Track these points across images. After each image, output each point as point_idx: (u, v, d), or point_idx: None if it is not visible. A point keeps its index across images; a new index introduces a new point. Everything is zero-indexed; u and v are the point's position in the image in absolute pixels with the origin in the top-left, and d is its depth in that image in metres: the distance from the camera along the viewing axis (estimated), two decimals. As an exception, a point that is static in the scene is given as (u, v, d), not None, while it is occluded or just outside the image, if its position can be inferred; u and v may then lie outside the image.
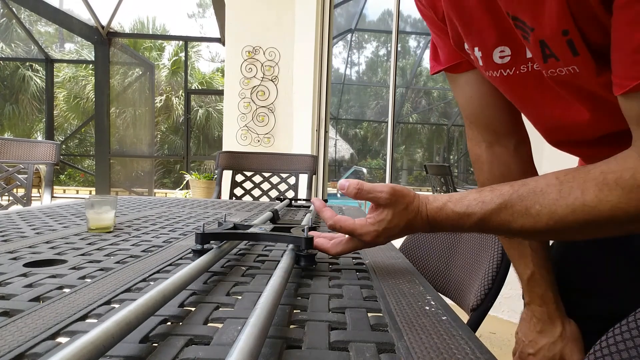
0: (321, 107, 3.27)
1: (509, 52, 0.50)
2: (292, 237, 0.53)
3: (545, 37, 0.43)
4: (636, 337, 0.42)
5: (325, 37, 3.23)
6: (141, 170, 8.00)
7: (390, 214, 0.49)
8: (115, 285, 0.43)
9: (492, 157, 0.66)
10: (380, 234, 0.50)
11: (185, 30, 21.93)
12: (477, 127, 0.67)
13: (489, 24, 0.49)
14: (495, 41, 0.51)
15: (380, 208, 0.50)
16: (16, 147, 1.58)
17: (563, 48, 0.42)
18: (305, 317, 0.36)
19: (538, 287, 0.64)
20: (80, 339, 0.23)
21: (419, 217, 0.49)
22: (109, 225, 0.77)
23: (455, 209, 0.48)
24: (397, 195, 0.49)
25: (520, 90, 0.54)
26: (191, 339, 0.31)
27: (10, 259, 0.53)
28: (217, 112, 12.81)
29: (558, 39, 0.42)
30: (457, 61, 0.62)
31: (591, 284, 0.65)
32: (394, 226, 0.50)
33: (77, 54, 12.97)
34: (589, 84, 0.45)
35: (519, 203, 0.44)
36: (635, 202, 0.38)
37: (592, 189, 0.40)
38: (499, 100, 0.62)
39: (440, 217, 0.49)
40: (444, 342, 0.32)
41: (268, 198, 1.94)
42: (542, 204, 0.43)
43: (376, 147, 14.76)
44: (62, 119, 12.14)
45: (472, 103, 0.65)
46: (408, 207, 0.49)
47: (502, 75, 0.53)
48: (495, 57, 0.52)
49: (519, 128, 0.66)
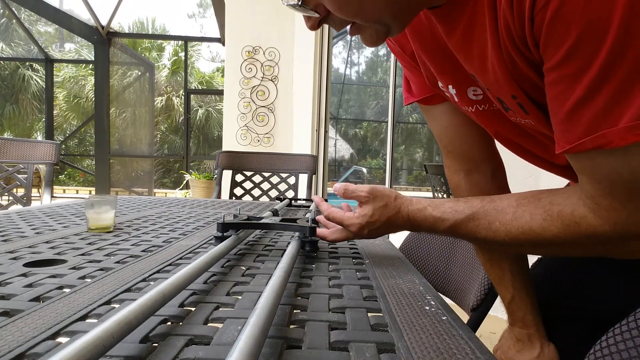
0: (321, 107, 3.27)
1: (481, 92, 0.53)
2: (298, 226, 0.63)
3: (499, 95, 0.47)
4: (636, 337, 0.42)
5: (325, 37, 3.23)
6: (141, 170, 8.00)
7: (370, 210, 0.56)
8: (115, 285, 0.43)
9: (471, 184, 0.68)
10: (363, 226, 0.57)
11: (185, 30, 21.96)
12: (455, 155, 0.68)
13: (458, 69, 0.51)
14: (467, 82, 0.53)
15: (362, 205, 0.57)
16: (16, 147, 1.58)
17: (515, 107, 0.46)
18: (305, 317, 0.36)
19: (519, 310, 0.66)
20: (80, 339, 0.23)
21: (400, 216, 0.55)
22: (109, 225, 0.77)
23: (433, 213, 0.53)
24: (376, 194, 0.56)
25: (497, 124, 0.57)
26: (191, 339, 0.31)
27: (10, 259, 0.53)
28: (217, 112, 12.81)
29: (509, 100, 0.46)
30: (429, 94, 0.64)
31: (586, 287, 0.65)
32: (375, 221, 0.56)
33: (77, 54, 12.97)
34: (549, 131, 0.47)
35: (484, 217, 0.49)
36: (572, 235, 0.43)
37: (539, 216, 0.45)
38: (474, 129, 0.64)
39: (419, 218, 0.54)
40: (444, 342, 0.32)
41: (268, 198, 1.94)
42: (501, 221, 0.48)
43: (376, 147, 14.76)
44: (62, 119, 12.14)
45: (448, 133, 0.67)
46: (388, 204, 0.56)
47: (477, 110, 0.56)
48: (469, 94, 0.54)
49: (495, 155, 0.68)
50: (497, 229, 0.48)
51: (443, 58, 0.53)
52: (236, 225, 0.64)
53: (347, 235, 0.61)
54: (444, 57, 0.53)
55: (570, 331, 0.65)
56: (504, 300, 0.68)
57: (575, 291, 0.66)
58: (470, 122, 0.63)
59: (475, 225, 0.50)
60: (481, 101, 0.54)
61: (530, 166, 0.66)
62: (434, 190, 2.31)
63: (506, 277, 0.67)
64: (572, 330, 0.65)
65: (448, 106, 0.65)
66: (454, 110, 0.64)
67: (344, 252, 0.66)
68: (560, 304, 0.67)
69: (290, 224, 0.64)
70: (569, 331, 0.66)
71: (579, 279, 0.66)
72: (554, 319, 0.67)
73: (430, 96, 0.64)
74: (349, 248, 0.69)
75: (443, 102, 0.65)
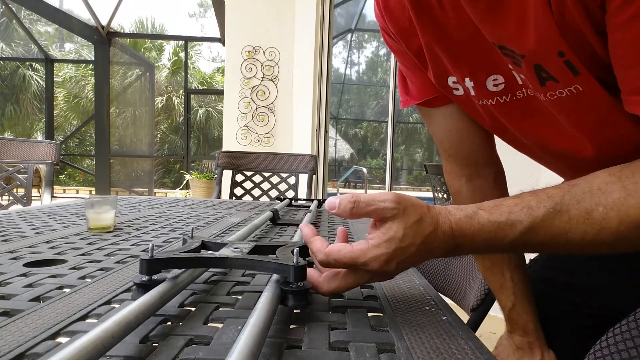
0: (321, 107, 3.27)
1: (503, 80, 0.49)
2: (275, 265, 0.37)
3: (539, 60, 0.41)
4: (636, 337, 0.42)
5: (325, 37, 3.23)
6: (141, 170, 8.00)
7: (400, 229, 0.36)
8: (115, 285, 0.43)
9: (473, 190, 0.65)
10: (391, 257, 0.36)
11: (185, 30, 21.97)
12: (456, 160, 0.65)
13: (478, 54, 0.48)
14: (487, 70, 0.49)
15: (385, 223, 0.37)
16: (16, 147, 1.58)
17: (561, 69, 0.40)
18: (305, 317, 0.36)
19: (519, 318, 0.65)
20: (80, 339, 0.23)
21: (439, 232, 0.37)
22: (109, 225, 0.77)
23: (492, 217, 0.37)
24: (406, 204, 0.37)
25: (518, 116, 0.52)
26: (191, 339, 0.31)
27: (10, 259, 0.53)
28: (217, 112, 12.81)
29: (554, 60, 0.40)
30: (432, 95, 0.60)
31: (588, 283, 0.65)
32: (409, 245, 0.37)
33: (77, 53, 12.99)
34: (594, 104, 0.43)
35: (576, 206, 0.35)
36: None
37: None
38: (477, 132, 0.62)
39: (472, 230, 0.37)
40: (444, 342, 0.32)
41: (268, 198, 1.94)
42: (607, 204, 0.34)
43: (376, 146, 14.76)
44: (62, 119, 12.15)
45: (451, 136, 0.64)
46: (423, 219, 0.37)
47: (497, 102, 0.51)
48: (489, 85, 0.50)
49: (496, 159, 0.66)
50: (603, 218, 0.34)
51: (460, 48, 0.49)
52: (173, 261, 0.39)
53: (358, 280, 0.39)
54: (460, 47, 0.49)
55: (569, 327, 0.65)
56: (504, 309, 0.67)
57: (575, 287, 0.66)
58: (473, 125, 0.61)
59: (565, 220, 0.36)
60: (502, 92, 0.49)
61: (530, 166, 0.65)
62: (434, 191, 2.31)
63: (507, 285, 0.65)
64: (572, 326, 0.65)
65: (451, 109, 0.61)
66: (458, 112, 0.61)
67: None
68: (559, 299, 0.67)
69: (262, 260, 0.39)
70: (568, 327, 0.66)
71: (579, 275, 0.66)
72: (553, 315, 0.67)
73: (432, 98, 0.61)
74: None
75: (446, 104, 0.61)
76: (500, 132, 0.59)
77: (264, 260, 0.39)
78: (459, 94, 0.55)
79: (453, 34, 0.49)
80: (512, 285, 0.64)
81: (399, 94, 0.67)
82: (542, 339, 0.65)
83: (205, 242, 0.48)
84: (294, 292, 0.36)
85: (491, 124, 0.58)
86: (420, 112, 0.65)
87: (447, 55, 0.51)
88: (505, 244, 0.37)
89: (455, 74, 0.53)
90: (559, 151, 0.53)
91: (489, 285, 0.70)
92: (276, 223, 0.91)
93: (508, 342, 0.68)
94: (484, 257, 0.68)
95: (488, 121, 0.57)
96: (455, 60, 0.51)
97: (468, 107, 0.57)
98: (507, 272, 0.65)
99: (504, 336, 0.69)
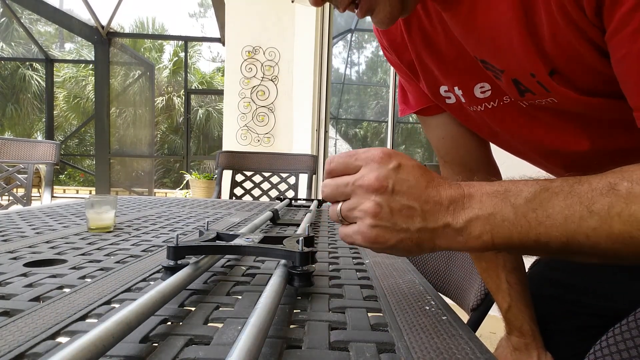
0: (321, 107, 3.27)
1: (489, 87, 0.51)
2: (283, 252, 0.43)
3: (516, 76, 0.44)
4: (636, 337, 0.42)
5: (325, 37, 3.23)
6: (141, 170, 8.00)
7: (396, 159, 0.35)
8: (115, 285, 0.43)
9: None
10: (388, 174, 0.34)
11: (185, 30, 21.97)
12: (452, 165, 0.68)
13: (465, 65, 0.50)
14: (474, 78, 0.51)
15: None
16: (16, 147, 1.58)
17: (535, 86, 0.43)
18: (305, 317, 0.36)
19: (515, 320, 0.66)
20: (80, 339, 0.23)
21: (443, 179, 0.35)
22: (109, 225, 0.77)
23: (503, 183, 0.34)
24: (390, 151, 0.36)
25: (508, 119, 0.53)
26: (191, 339, 0.31)
27: (10, 259, 0.53)
28: (217, 112, 12.81)
29: (527, 79, 0.43)
30: (426, 105, 0.63)
31: (589, 283, 0.65)
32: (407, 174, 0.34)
33: (77, 54, 12.98)
34: (572, 112, 0.45)
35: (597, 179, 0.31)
36: None
37: None
38: (471, 138, 0.64)
39: (481, 183, 0.35)
40: (444, 342, 0.32)
41: (268, 198, 1.94)
42: (632, 180, 0.30)
43: (376, 147, 14.75)
44: (62, 119, 12.15)
45: (445, 143, 0.67)
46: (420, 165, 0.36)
47: (486, 109, 0.54)
48: (477, 93, 0.53)
49: (493, 164, 0.68)
50: (629, 192, 0.30)
51: (447, 59, 0.52)
52: (196, 249, 0.46)
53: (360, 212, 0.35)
54: (447, 58, 0.52)
55: (571, 326, 0.65)
56: (501, 309, 0.68)
57: (576, 287, 0.66)
58: (467, 132, 0.64)
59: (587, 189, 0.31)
60: (489, 98, 0.52)
61: (523, 169, 0.66)
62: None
63: (503, 287, 0.66)
64: (573, 326, 0.65)
65: (445, 117, 0.64)
66: (451, 121, 0.64)
67: (344, 252, 0.66)
68: (560, 299, 0.67)
69: (272, 247, 0.44)
70: (569, 326, 0.66)
71: (580, 275, 0.66)
72: (554, 315, 0.67)
73: (427, 107, 0.64)
74: (349, 248, 0.69)
75: (440, 113, 0.64)
76: (492, 137, 0.61)
77: (274, 248, 0.44)
78: (452, 102, 0.58)
79: (441, 46, 0.52)
80: (508, 287, 0.66)
81: (398, 103, 0.70)
82: (539, 340, 0.65)
83: (220, 233, 0.53)
84: (299, 275, 0.42)
85: (483, 130, 0.60)
86: (419, 119, 0.68)
87: (436, 65, 0.54)
88: (520, 203, 0.32)
89: (446, 83, 0.55)
90: (552, 148, 0.53)
91: (487, 287, 0.71)
92: (276, 223, 0.91)
93: (506, 344, 0.69)
94: (480, 258, 0.69)
95: (480, 127, 0.59)
96: (445, 71, 0.54)
97: (461, 114, 0.59)
98: (502, 274, 0.66)
99: (503, 337, 0.70)
